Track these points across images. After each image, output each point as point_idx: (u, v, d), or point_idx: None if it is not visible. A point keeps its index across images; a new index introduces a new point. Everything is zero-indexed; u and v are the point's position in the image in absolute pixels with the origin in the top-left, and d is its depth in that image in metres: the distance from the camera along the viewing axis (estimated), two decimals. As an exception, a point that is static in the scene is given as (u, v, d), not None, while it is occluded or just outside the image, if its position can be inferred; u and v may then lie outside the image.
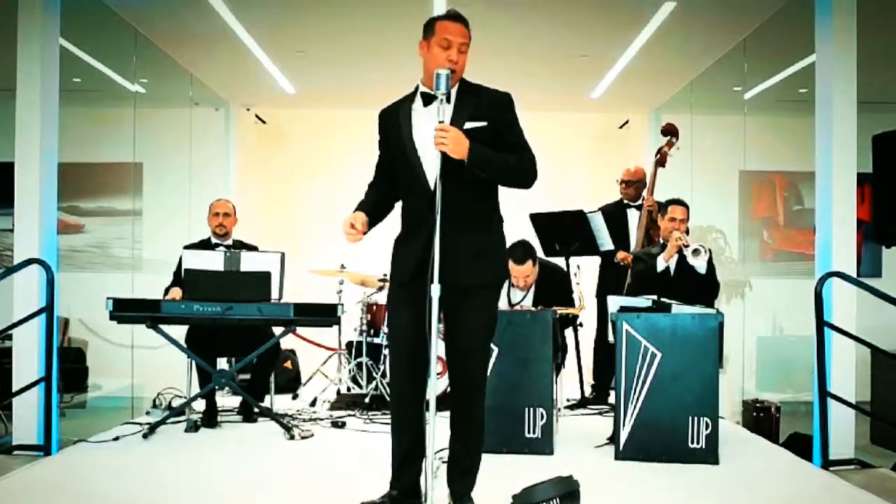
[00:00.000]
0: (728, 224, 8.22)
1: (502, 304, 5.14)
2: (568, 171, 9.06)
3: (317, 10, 6.17)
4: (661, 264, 5.44)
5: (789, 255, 8.32)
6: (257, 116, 9.48)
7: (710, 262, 5.34)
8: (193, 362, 5.58)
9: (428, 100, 3.43)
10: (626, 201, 6.68)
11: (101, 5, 5.97)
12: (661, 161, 6.46)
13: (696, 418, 4.63)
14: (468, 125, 3.37)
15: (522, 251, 5.55)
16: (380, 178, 3.68)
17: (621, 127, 9.44)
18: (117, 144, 7.49)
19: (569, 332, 5.96)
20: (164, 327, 5.38)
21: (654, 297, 4.95)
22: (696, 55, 7.10)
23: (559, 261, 6.26)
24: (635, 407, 4.70)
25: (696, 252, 5.28)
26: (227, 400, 6.59)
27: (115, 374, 7.27)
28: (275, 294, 5.48)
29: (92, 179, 8.05)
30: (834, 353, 4.92)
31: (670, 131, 6.48)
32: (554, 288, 5.77)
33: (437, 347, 3.21)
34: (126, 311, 5.26)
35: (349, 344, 7.08)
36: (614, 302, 4.97)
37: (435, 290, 3.18)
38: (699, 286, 5.32)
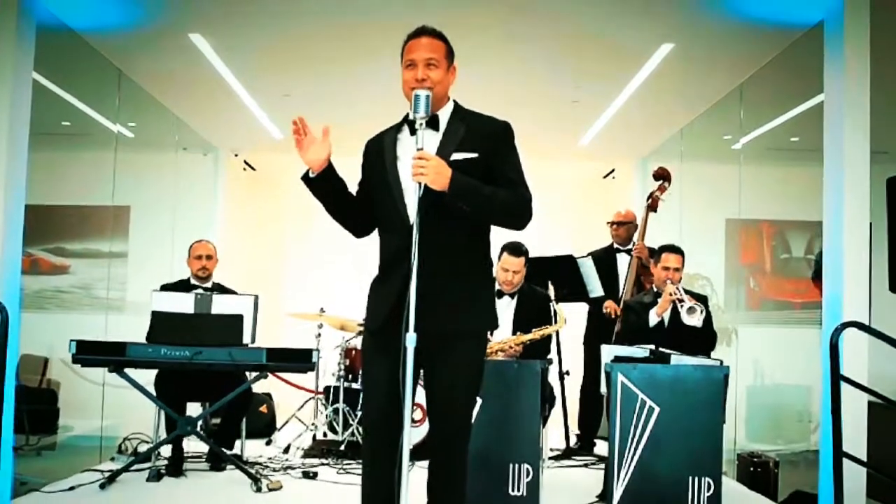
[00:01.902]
0: (714, 271, 7.69)
1: None
2: (552, 220, 8.48)
3: (302, 52, 5.64)
4: (653, 319, 4.85)
5: (776, 304, 7.79)
6: (246, 163, 8.92)
7: (707, 315, 4.75)
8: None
9: (413, 128, 2.85)
10: (616, 245, 6.11)
11: (86, 47, 5.45)
12: (652, 206, 5.91)
13: (696, 478, 3.99)
14: (456, 156, 2.80)
15: (517, 245, 4.98)
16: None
17: (606, 177, 8.89)
18: (105, 187, 6.96)
19: (554, 380, 5.31)
20: (132, 371, 4.79)
21: (652, 346, 4.32)
22: (691, 101, 6.57)
23: None
24: (630, 464, 4.05)
25: (691, 311, 4.68)
26: (198, 444, 5.91)
27: (87, 414, 6.64)
28: (247, 338, 4.90)
29: (79, 222, 7.53)
30: (843, 408, 4.29)
31: (662, 176, 5.94)
32: (535, 311, 5.09)
33: (416, 394, 2.66)
34: (90, 353, 4.68)
35: (327, 389, 6.44)
36: (608, 351, 4.35)
37: (410, 339, 2.59)
38: (695, 339, 4.73)
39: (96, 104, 6.51)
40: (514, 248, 4.98)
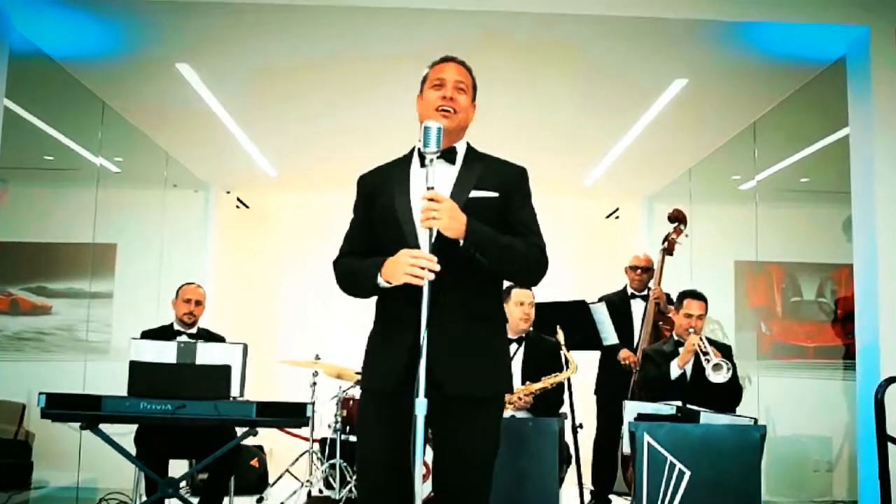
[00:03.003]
0: (725, 315, 7.31)
1: None
2: (555, 261, 8.07)
3: (295, 85, 5.27)
4: (674, 371, 4.43)
5: (788, 348, 7.41)
6: (239, 200, 8.50)
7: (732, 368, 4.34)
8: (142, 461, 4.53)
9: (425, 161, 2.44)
10: (631, 291, 5.70)
11: (66, 77, 5.09)
12: (668, 249, 5.52)
13: (734, 549, 3.53)
14: (475, 193, 2.44)
15: None
16: (359, 245, 2.60)
17: (609, 216, 8.50)
18: (90, 225, 6.57)
19: (567, 434, 4.87)
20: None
21: (678, 402, 3.90)
22: (701, 139, 6.23)
23: None
24: (660, 532, 3.60)
25: (717, 368, 4.25)
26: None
27: (62, 465, 6.19)
28: (235, 390, 4.43)
29: (62, 260, 7.12)
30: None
31: (678, 218, 5.56)
32: (545, 358, 4.66)
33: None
34: (61, 407, 4.17)
35: (322, 441, 5.97)
36: (631, 408, 3.91)
37: (421, 406, 2.19)
38: (720, 392, 4.30)
39: (80, 138, 6.16)
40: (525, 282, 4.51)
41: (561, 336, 4.67)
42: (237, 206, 8.54)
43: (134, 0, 4.11)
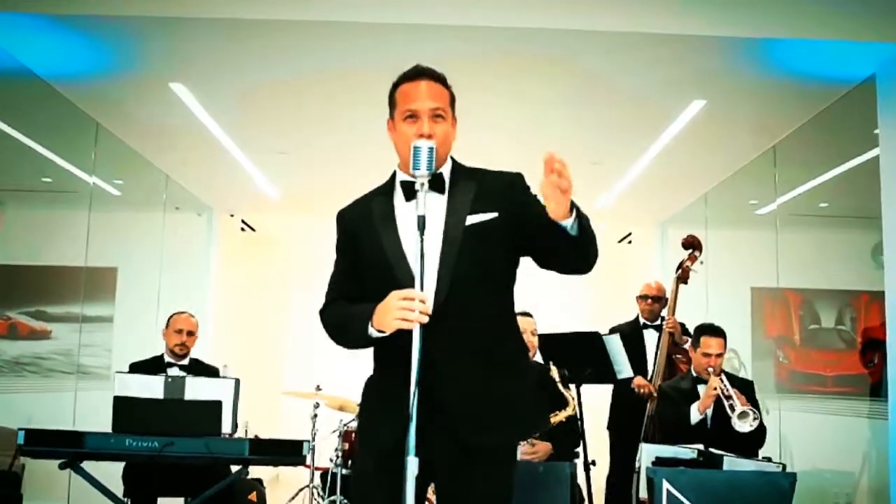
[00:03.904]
0: (741, 343, 7.03)
1: None
2: (564, 287, 7.80)
3: (295, 103, 5.04)
4: (694, 415, 4.11)
5: (807, 377, 7.10)
6: (244, 222, 8.26)
7: (755, 407, 4.04)
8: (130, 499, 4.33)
9: (410, 191, 2.18)
10: (643, 321, 5.39)
11: (58, 97, 4.88)
12: (682, 277, 5.21)
13: None
14: (472, 219, 2.15)
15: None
16: (347, 290, 2.32)
17: (621, 241, 8.22)
18: (89, 247, 6.38)
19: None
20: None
21: (699, 445, 3.59)
22: (718, 162, 5.97)
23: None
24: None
25: (742, 416, 3.91)
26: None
27: (52, 495, 5.94)
28: (227, 427, 4.15)
29: (61, 284, 6.87)
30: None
31: (693, 244, 5.26)
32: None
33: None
34: (40, 444, 3.91)
35: (324, 475, 5.65)
36: (649, 452, 3.61)
37: (412, 464, 1.93)
38: (743, 435, 3.98)
39: (76, 159, 5.93)
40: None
41: (555, 373, 4.34)
42: (242, 229, 8.31)
43: (122, 18, 3.88)
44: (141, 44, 4.17)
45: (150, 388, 4.12)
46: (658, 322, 5.32)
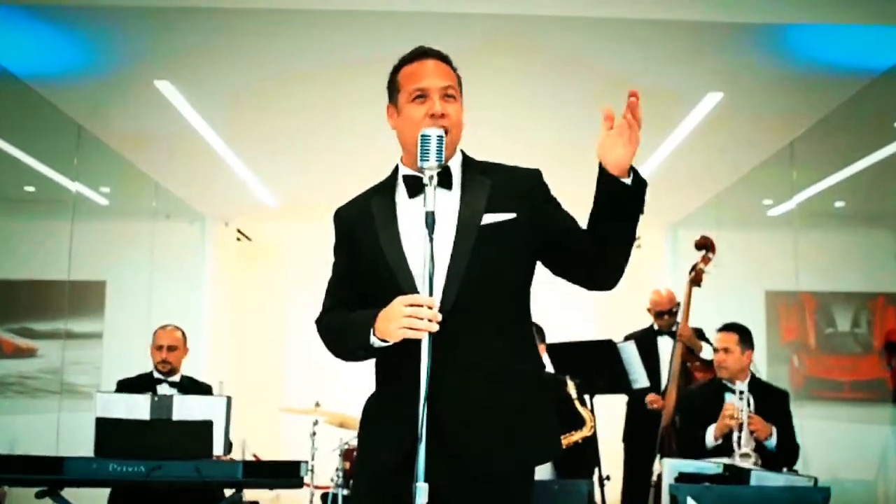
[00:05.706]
0: (756, 348, 6.86)
1: None
2: (570, 295, 7.62)
3: (287, 103, 4.87)
4: (710, 440, 3.89)
5: (823, 382, 6.93)
6: (240, 232, 8.07)
7: (787, 422, 3.84)
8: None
9: (415, 187, 1.95)
10: (657, 328, 5.21)
11: (37, 98, 4.69)
12: (696, 280, 4.99)
13: None
14: (488, 218, 1.93)
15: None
16: (346, 297, 2.10)
17: (630, 245, 8.06)
18: (76, 260, 6.20)
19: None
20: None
21: (725, 459, 3.38)
22: (734, 160, 5.81)
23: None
24: None
25: (744, 457, 3.68)
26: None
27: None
28: (219, 448, 3.93)
29: (48, 299, 6.69)
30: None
31: (706, 245, 5.04)
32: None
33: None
34: (15, 471, 3.65)
35: (325, 496, 5.43)
36: (671, 467, 3.38)
37: (421, 492, 1.73)
38: (770, 455, 3.78)
39: (57, 165, 5.76)
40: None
41: (572, 388, 4.11)
42: (238, 239, 8.13)
43: (101, 9, 3.71)
44: (123, 39, 4.00)
45: (136, 408, 3.90)
46: (673, 329, 5.13)
